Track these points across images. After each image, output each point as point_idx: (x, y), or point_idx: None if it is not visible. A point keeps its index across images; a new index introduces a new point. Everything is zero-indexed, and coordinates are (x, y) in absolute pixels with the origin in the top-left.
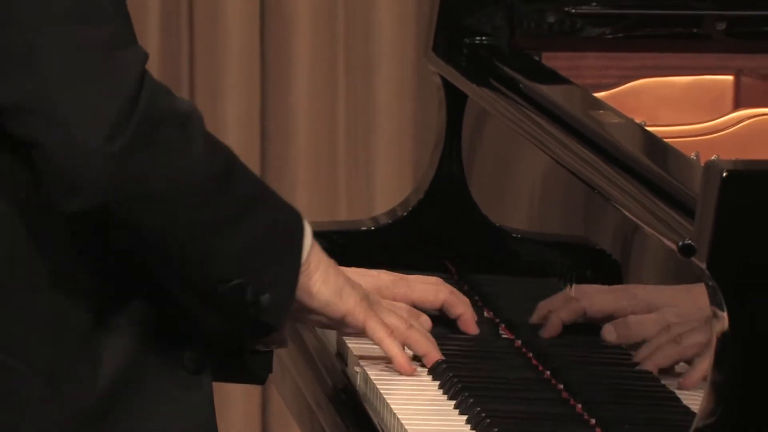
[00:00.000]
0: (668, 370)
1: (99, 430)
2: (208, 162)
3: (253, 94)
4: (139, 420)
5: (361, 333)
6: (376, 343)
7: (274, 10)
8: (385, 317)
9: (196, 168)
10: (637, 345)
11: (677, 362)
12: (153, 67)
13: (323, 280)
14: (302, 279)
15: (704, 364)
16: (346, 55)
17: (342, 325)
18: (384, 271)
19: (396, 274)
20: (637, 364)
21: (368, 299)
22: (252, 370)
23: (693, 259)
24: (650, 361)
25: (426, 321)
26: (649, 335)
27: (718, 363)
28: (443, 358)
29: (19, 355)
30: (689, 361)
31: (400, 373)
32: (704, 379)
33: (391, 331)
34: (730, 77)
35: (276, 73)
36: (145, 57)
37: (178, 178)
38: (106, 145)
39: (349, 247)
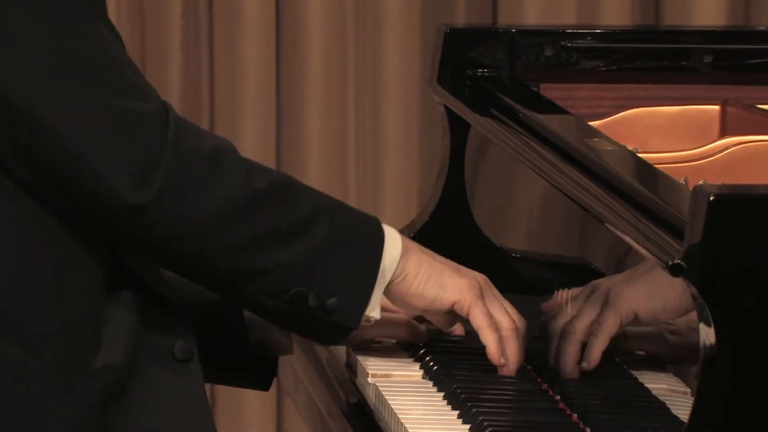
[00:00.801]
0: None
1: (106, 420)
2: (248, 187)
3: (269, 122)
4: (137, 406)
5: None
6: (475, 329)
7: (288, 44)
8: (492, 309)
9: (234, 197)
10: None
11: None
12: (175, 95)
13: (426, 280)
14: (403, 286)
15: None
16: (355, 86)
17: (451, 314)
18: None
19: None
20: (630, 375)
21: (479, 287)
22: (257, 376)
23: (682, 277)
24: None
25: (524, 326)
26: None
27: (706, 375)
28: (513, 375)
29: (31, 351)
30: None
31: (492, 362)
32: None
33: (493, 323)
34: (717, 107)
35: (290, 104)
36: (162, 104)
37: (214, 211)
38: (134, 197)
39: None
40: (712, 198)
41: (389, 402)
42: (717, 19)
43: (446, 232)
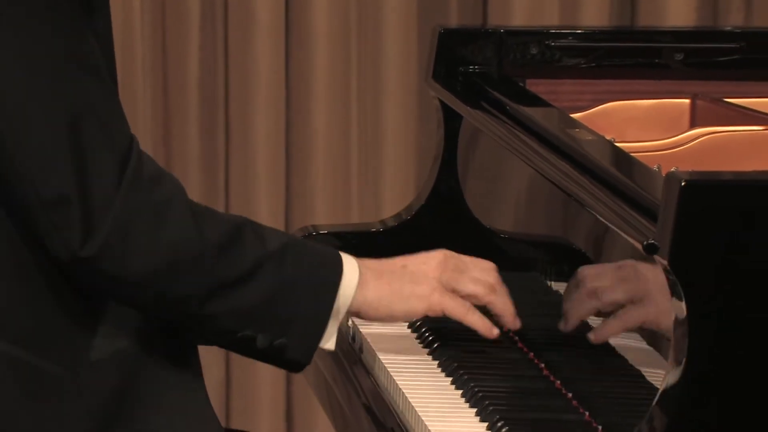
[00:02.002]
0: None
1: (116, 420)
2: (193, 239)
3: (279, 116)
4: (146, 408)
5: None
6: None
7: (296, 44)
8: (464, 289)
9: (178, 249)
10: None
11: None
12: (193, 91)
13: (390, 300)
14: (371, 313)
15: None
16: (358, 82)
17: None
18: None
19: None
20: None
21: (438, 284)
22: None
23: (656, 256)
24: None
25: (495, 275)
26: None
27: (678, 345)
28: (518, 323)
29: (44, 354)
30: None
31: (488, 337)
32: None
33: (470, 305)
34: (687, 100)
35: (298, 98)
36: (126, 149)
37: (158, 264)
38: (80, 249)
39: (360, 245)
40: (683, 183)
41: (378, 355)
42: (687, 21)
43: (440, 214)
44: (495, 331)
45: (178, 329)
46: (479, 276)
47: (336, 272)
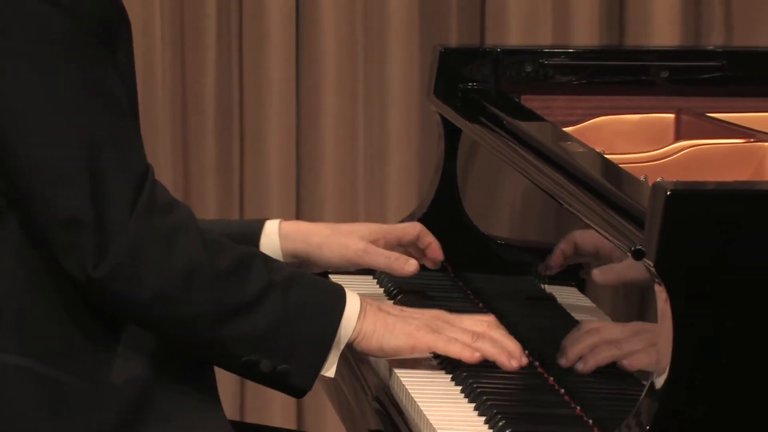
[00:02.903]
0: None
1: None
2: (200, 265)
3: (290, 128)
4: (161, 423)
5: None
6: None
7: (307, 60)
8: (450, 334)
9: (183, 276)
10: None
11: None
12: (210, 104)
13: (383, 334)
14: (364, 344)
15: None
16: (364, 97)
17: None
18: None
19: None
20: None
21: (428, 327)
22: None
23: (643, 260)
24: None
25: (490, 321)
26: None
27: (663, 344)
28: (514, 365)
29: (66, 370)
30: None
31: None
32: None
33: (452, 338)
34: (672, 115)
35: (308, 111)
36: (141, 176)
37: (165, 289)
38: (92, 270)
39: None
40: (668, 193)
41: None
42: (672, 40)
43: (441, 221)
44: (476, 355)
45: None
46: (468, 326)
47: (339, 305)
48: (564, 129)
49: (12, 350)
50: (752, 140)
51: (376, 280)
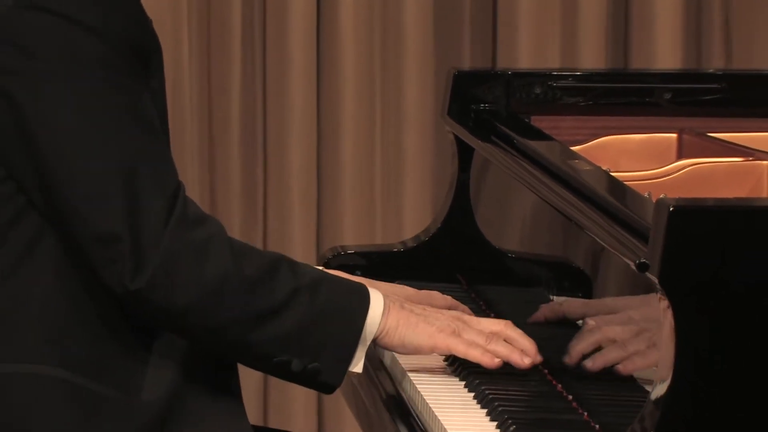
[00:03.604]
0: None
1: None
2: (232, 273)
3: (311, 149)
4: (190, 427)
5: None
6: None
7: (327, 83)
8: (467, 336)
9: (218, 283)
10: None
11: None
12: (235, 125)
13: (404, 332)
14: (386, 339)
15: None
16: (381, 117)
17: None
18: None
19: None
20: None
21: (449, 328)
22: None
23: (647, 273)
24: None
25: (505, 325)
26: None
27: (666, 352)
28: (526, 362)
29: (100, 380)
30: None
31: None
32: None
33: (472, 342)
34: (674, 135)
35: (328, 133)
36: (173, 194)
37: (200, 297)
38: (130, 282)
39: (383, 263)
40: (671, 209)
41: (409, 375)
42: (674, 63)
43: (455, 236)
44: (496, 361)
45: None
46: (484, 327)
47: (364, 303)
48: (571, 148)
49: (48, 362)
50: (751, 159)
51: (393, 284)
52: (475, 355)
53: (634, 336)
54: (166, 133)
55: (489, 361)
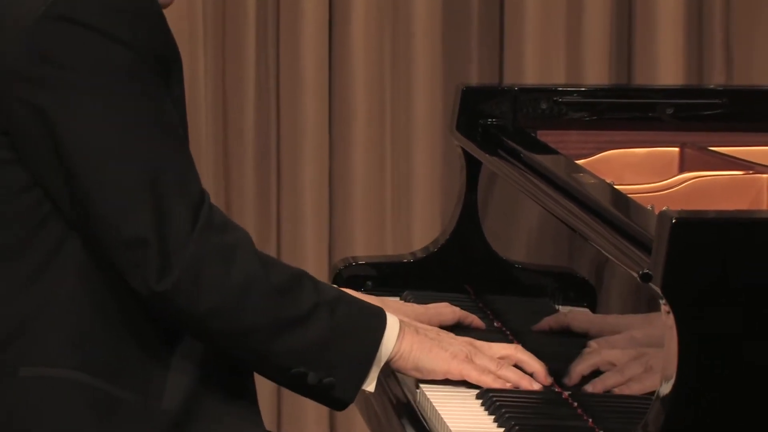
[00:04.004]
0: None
1: None
2: (259, 281)
3: (323, 163)
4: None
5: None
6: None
7: (338, 99)
8: (479, 361)
9: (242, 290)
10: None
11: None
12: (250, 141)
13: (419, 356)
14: (401, 362)
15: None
16: (391, 131)
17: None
18: (414, 304)
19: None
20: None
21: (463, 353)
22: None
23: (650, 284)
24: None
25: (514, 350)
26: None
27: (669, 360)
28: (536, 387)
29: (120, 384)
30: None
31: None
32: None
33: (485, 368)
34: (677, 149)
35: (339, 147)
36: (199, 198)
37: (224, 303)
38: (156, 284)
39: (393, 274)
40: (673, 221)
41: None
42: (676, 79)
43: (463, 247)
44: (507, 386)
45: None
46: (495, 352)
47: (381, 325)
48: (577, 161)
49: (69, 365)
50: (751, 172)
51: (403, 302)
52: (486, 381)
53: (632, 360)
54: (186, 139)
55: (500, 387)
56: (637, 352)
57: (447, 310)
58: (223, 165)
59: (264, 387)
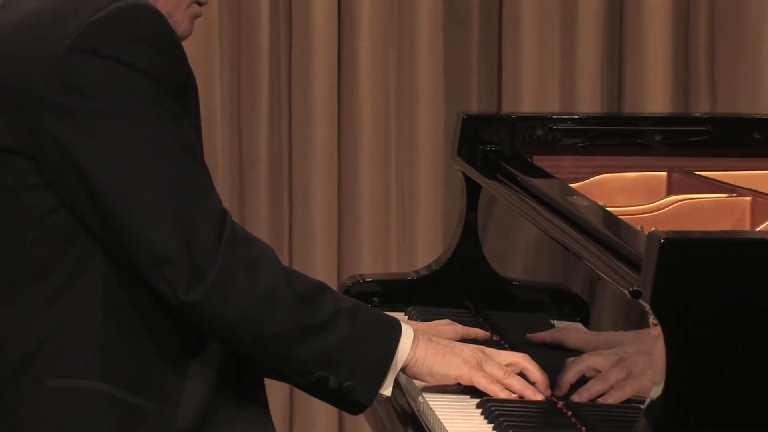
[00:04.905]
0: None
1: None
2: (283, 290)
3: (332, 185)
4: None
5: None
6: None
7: (347, 123)
8: (488, 368)
9: (268, 299)
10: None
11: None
12: (263, 161)
13: (432, 362)
14: (415, 368)
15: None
16: (397, 156)
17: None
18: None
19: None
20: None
21: (474, 360)
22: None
23: (640, 300)
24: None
25: (522, 358)
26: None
27: (657, 372)
28: (539, 397)
29: (138, 392)
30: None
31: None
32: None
33: (494, 377)
34: (664, 173)
35: (348, 170)
36: (222, 215)
37: (251, 312)
38: (186, 295)
39: (398, 291)
40: (662, 241)
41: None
42: (664, 108)
43: (464, 265)
44: (514, 396)
45: (249, 370)
46: (503, 360)
47: (397, 332)
48: (570, 185)
49: (91, 376)
50: (734, 195)
51: (407, 317)
52: (494, 390)
53: (614, 366)
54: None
55: (506, 397)
56: (619, 357)
57: (448, 329)
58: (238, 188)
59: (276, 394)
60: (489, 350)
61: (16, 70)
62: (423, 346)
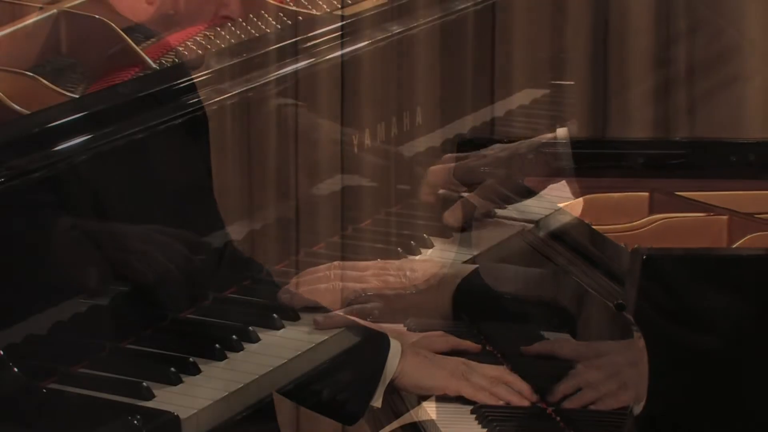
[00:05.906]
0: None
1: None
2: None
3: (336, 200)
4: None
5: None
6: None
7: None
8: (473, 379)
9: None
10: None
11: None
12: (271, 184)
13: (419, 375)
14: (404, 380)
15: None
16: (396, 180)
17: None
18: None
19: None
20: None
21: (459, 372)
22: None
23: (624, 313)
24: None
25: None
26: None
27: (641, 379)
28: (525, 403)
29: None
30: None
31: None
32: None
33: (480, 386)
34: (647, 194)
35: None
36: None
37: None
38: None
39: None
40: (644, 257)
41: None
42: (646, 133)
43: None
44: (500, 403)
45: None
46: (487, 372)
47: (385, 348)
48: (559, 204)
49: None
50: (712, 214)
51: (406, 328)
52: (481, 397)
53: (607, 378)
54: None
55: (494, 403)
56: (613, 371)
57: (440, 340)
58: (248, 202)
59: (283, 406)
60: (473, 363)
61: None
62: (410, 359)
